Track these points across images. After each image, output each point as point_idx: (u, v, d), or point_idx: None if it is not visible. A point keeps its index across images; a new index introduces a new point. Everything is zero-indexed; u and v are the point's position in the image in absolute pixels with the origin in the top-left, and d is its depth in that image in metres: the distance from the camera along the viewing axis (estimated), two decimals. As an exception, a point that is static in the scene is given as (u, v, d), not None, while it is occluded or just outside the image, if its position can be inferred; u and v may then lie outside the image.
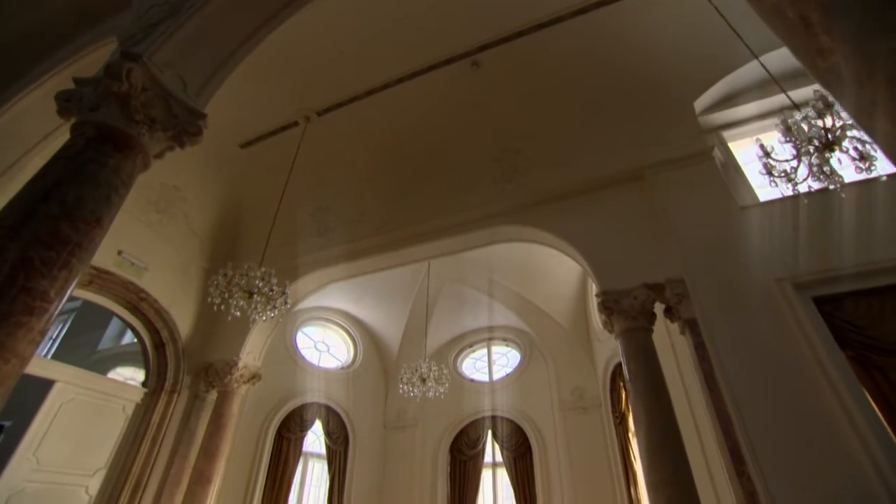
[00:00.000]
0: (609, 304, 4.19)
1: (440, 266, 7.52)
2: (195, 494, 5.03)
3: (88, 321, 8.14)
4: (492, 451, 7.68)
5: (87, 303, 8.48)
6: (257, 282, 3.72)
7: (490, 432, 7.68)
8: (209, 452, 5.26)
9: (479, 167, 5.63)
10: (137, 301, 5.43)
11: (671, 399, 3.72)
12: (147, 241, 5.60)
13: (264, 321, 3.85)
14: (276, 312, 3.79)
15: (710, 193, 4.38)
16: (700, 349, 3.75)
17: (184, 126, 2.30)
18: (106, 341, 7.92)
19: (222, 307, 3.69)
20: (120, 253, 5.26)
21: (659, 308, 4.28)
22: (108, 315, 7.81)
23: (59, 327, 8.97)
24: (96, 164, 1.86)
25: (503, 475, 7.43)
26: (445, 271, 7.63)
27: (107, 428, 5.01)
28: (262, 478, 6.48)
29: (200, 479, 5.11)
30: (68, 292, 1.70)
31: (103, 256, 5.07)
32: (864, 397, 3.06)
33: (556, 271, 7.34)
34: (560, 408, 7.31)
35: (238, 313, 3.71)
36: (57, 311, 1.65)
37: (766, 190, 4.57)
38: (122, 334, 7.89)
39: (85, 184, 1.80)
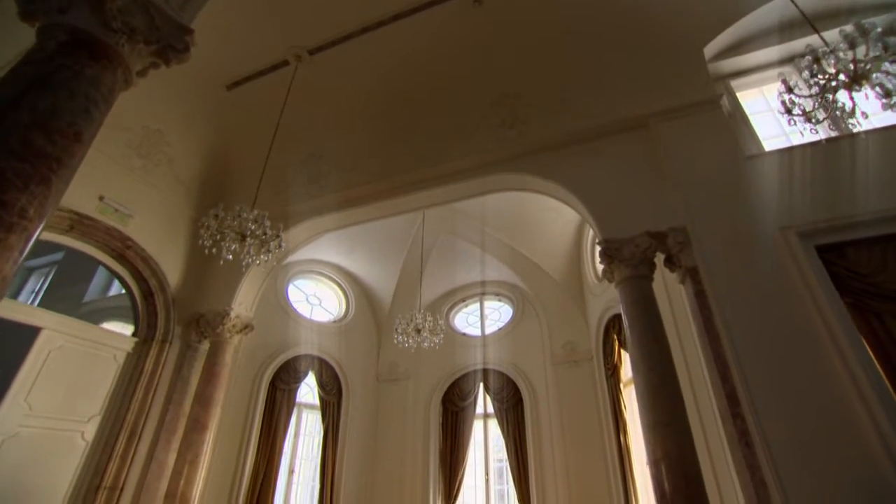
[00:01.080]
0: (610, 252, 4.15)
1: (434, 219, 7.40)
2: (192, 441, 5.06)
3: (71, 273, 7.92)
4: (483, 403, 7.84)
5: (69, 254, 8.24)
6: (250, 224, 3.57)
7: (482, 385, 7.82)
8: (204, 400, 5.25)
9: (477, 113, 5.41)
10: (123, 249, 5.24)
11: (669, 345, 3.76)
12: (130, 187, 5.36)
13: (258, 265, 3.73)
14: (270, 256, 3.66)
15: (716, 142, 4.29)
16: (700, 297, 3.76)
17: (168, 41, 2.09)
18: (92, 294, 7.72)
19: (213, 250, 3.55)
20: (102, 198, 5.03)
21: (658, 259, 4.25)
22: (93, 267, 7.61)
23: (41, 280, 8.76)
24: (70, 72, 1.67)
25: (494, 426, 7.63)
26: (439, 224, 7.52)
27: (99, 376, 4.95)
28: (256, 427, 6.55)
29: (196, 426, 5.13)
30: (48, 212, 1.56)
31: (84, 201, 4.84)
32: (860, 342, 3.10)
33: (552, 226, 7.28)
34: (551, 361, 7.43)
35: (230, 257, 3.58)
36: (38, 232, 1.51)
37: (772, 141, 4.50)
38: (107, 287, 7.71)
39: (58, 92, 1.61)
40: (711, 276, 3.65)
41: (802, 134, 2.66)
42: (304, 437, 7.41)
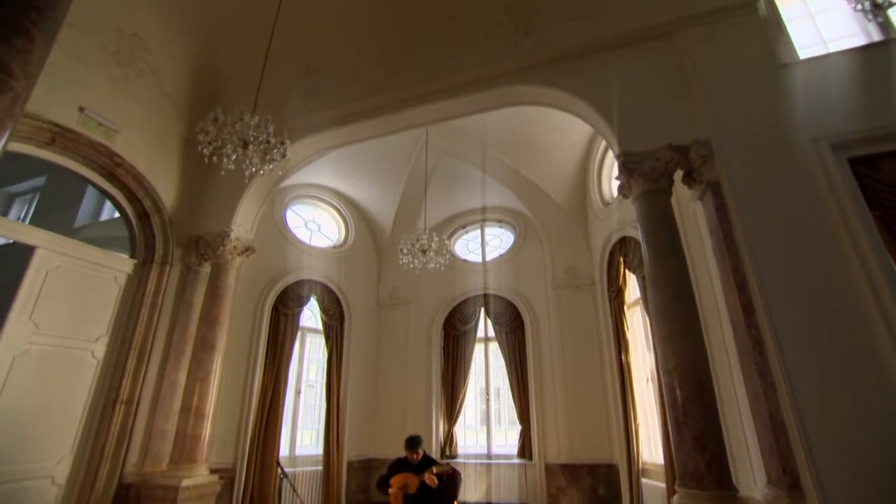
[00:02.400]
0: (630, 166, 3.99)
1: (436, 140, 7.08)
2: (201, 360, 5.09)
3: (57, 199, 7.58)
4: (484, 327, 8.00)
5: (53, 177, 7.84)
6: (251, 132, 3.31)
7: (483, 309, 7.93)
8: (209, 321, 5.23)
9: (489, 19, 4.98)
10: (113, 167, 4.94)
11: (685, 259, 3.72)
12: (112, 99, 4.96)
13: (262, 175, 3.52)
14: (274, 166, 3.43)
15: (749, 49, 4.01)
16: (721, 211, 3.68)
17: None
18: (81, 220, 7.41)
19: (214, 159, 3.31)
20: (82, 110, 4.65)
21: (676, 176, 4.11)
22: (79, 191, 7.29)
23: (25, 207, 8.41)
24: None
25: (495, 348, 7.84)
26: (441, 146, 7.21)
27: (101, 297, 4.86)
28: (262, 350, 6.63)
29: (204, 345, 5.14)
30: (34, 73, 1.33)
31: (63, 112, 4.47)
32: (886, 256, 3.06)
33: (558, 148, 7.03)
34: (553, 286, 7.50)
35: (232, 166, 3.35)
36: (28, 96, 1.30)
37: (808, 50, 4.20)
38: (97, 212, 7.43)
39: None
40: (735, 190, 3.54)
41: (868, 18, 2.41)
42: (309, 361, 7.58)
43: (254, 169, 3.38)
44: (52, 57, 3.61)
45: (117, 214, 7.15)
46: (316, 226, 8.13)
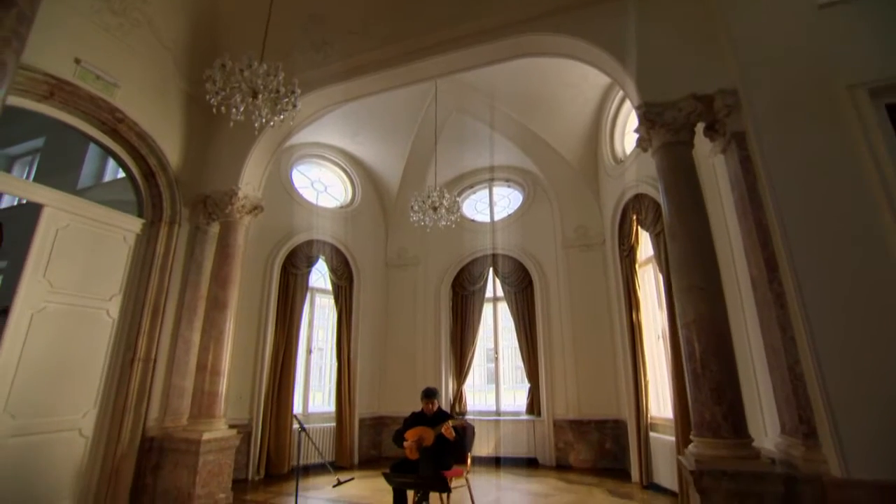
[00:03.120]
0: (651, 117, 3.85)
1: (445, 96, 6.85)
2: (214, 319, 5.11)
3: (58, 161, 7.45)
4: (493, 287, 8.01)
5: (53, 137, 7.68)
6: (259, 81, 3.16)
7: (491, 269, 7.92)
8: (220, 280, 5.22)
9: (502, -38, 4.67)
10: (114, 122, 4.80)
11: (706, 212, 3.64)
12: (109, 51, 4.74)
13: (272, 126, 3.39)
14: (285, 116, 3.30)
15: (782, -11, 3.74)
16: (745, 163, 3.55)
17: None
18: (84, 181, 7.29)
19: (222, 109, 3.18)
20: (79, 62, 4.46)
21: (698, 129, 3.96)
22: (81, 152, 7.14)
23: (25, 170, 8.28)
24: None
25: (504, 308, 7.88)
26: (451, 101, 6.99)
27: (112, 257, 4.83)
28: (273, 310, 6.68)
29: (217, 304, 5.15)
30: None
31: (59, 64, 4.29)
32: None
33: (570, 104, 6.81)
34: (563, 245, 7.45)
35: (241, 117, 3.22)
36: (32, 19, 1.19)
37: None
38: (100, 173, 7.32)
39: None
40: (762, 141, 3.40)
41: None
42: (319, 321, 7.64)
43: (263, 120, 3.25)
44: (45, 6, 3.42)
45: (121, 175, 7.05)
46: (322, 186, 8.01)
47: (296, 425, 6.64)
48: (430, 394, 4.52)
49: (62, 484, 4.17)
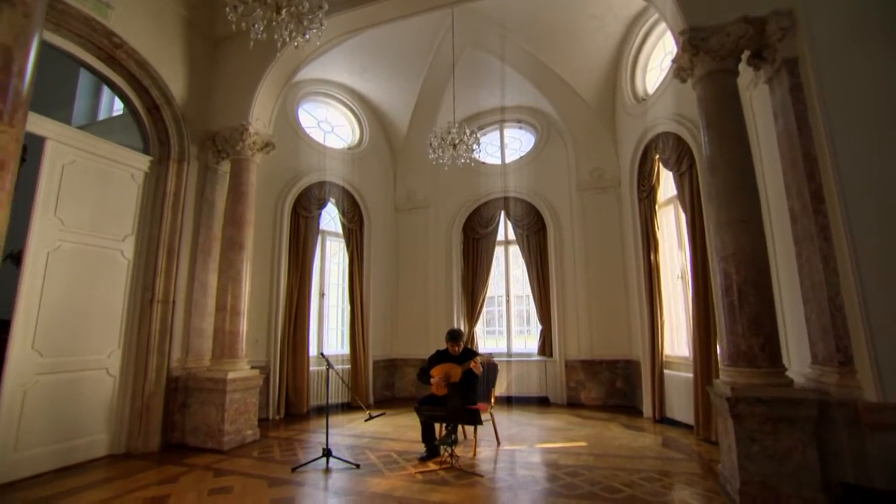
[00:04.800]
0: (695, 43, 3.63)
1: (458, 31, 6.43)
2: (232, 260, 5.01)
3: (46, 96, 6.98)
4: (504, 230, 7.94)
5: (39, 71, 7.18)
6: (282, -7, 2.87)
7: (503, 212, 7.81)
8: (235, 220, 5.08)
9: None
10: (112, 48, 4.44)
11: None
12: (100, -33, 4.30)
13: (296, 47, 3.13)
14: (311, 35, 3.04)
15: None
16: (795, 91, 3.39)
17: None
18: (77, 119, 6.86)
19: (242, 25, 2.91)
20: (69, -23, 4.04)
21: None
22: (71, 86, 6.68)
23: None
24: None
25: (515, 251, 7.85)
26: (465, 35, 6.57)
27: (121, 195, 4.63)
28: (285, 252, 6.57)
29: (233, 245, 5.03)
30: None
31: (51, -20, 3.88)
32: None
33: (592, 38, 6.44)
34: (577, 188, 7.32)
35: (263, 35, 2.96)
36: None
37: None
38: (93, 112, 6.90)
39: None
40: (818, 67, 3.24)
41: None
42: (331, 264, 7.57)
43: (287, 38, 2.99)
44: None
45: (116, 113, 6.65)
46: (329, 126, 7.68)
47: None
48: (455, 336, 4.53)
49: (96, 419, 4.21)
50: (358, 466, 3.94)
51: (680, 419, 5.19)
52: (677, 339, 5.61)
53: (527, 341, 7.73)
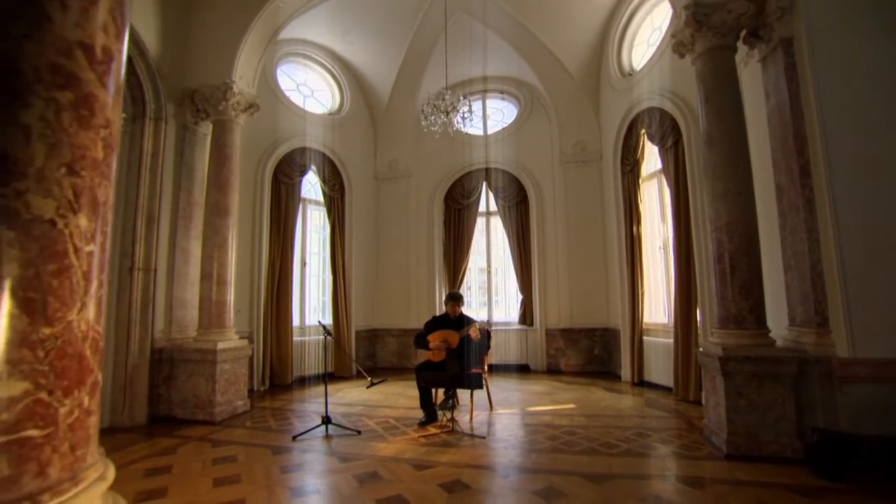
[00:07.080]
0: (699, 18, 3.72)
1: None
2: (217, 227, 4.79)
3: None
4: (486, 201, 7.98)
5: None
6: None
7: (485, 183, 7.83)
8: (219, 184, 4.83)
9: None
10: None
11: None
12: None
13: None
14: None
15: None
16: (789, 70, 3.55)
17: None
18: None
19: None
20: None
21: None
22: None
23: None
24: None
25: (497, 223, 7.93)
26: (455, 1, 6.39)
27: (92, 155, 4.27)
28: (266, 219, 6.35)
29: (217, 210, 4.80)
30: None
31: None
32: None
33: (581, 10, 6.43)
34: (560, 161, 7.43)
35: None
36: None
37: None
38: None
39: None
40: (813, 47, 3.39)
41: None
42: (312, 233, 7.39)
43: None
44: None
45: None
46: (308, 90, 7.35)
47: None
48: (456, 297, 4.58)
49: (79, 393, 3.99)
50: (359, 433, 3.97)
51: (658, 382, 5.53)
52: (656, 307, 5.92)
53: (509, 309, 7.92)
